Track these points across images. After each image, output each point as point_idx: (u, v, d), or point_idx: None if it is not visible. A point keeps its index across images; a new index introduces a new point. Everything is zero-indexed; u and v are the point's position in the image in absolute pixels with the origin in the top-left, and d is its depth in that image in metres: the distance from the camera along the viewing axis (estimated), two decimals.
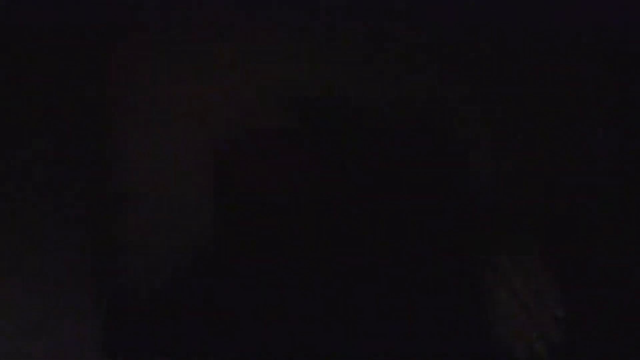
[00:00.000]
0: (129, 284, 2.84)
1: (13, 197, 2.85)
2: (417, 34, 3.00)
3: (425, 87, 2.99)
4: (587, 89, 3.04)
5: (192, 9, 2.95)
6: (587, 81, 3.04)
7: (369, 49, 2.99)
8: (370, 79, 2.97)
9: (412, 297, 2.17)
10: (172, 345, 2.63)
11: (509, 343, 2.15)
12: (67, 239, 2.86)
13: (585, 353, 2.33)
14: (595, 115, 3.04)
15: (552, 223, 2.81)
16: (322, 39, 2.98)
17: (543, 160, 2.98)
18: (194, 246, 2.83)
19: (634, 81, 3.03)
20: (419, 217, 2.36)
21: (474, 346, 2.13)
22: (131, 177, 2.90)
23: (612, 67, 3.05)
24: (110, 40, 2.92)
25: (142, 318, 2.74)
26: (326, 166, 2.69)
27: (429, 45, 3.01)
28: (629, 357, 2.42)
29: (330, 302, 2.25)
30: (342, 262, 2.27)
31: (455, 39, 3.02)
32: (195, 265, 2.75)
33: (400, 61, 3.00)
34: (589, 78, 3.04)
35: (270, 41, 2.97)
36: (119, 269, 2.85)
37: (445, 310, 2.15)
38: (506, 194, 2.92)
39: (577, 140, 2.98)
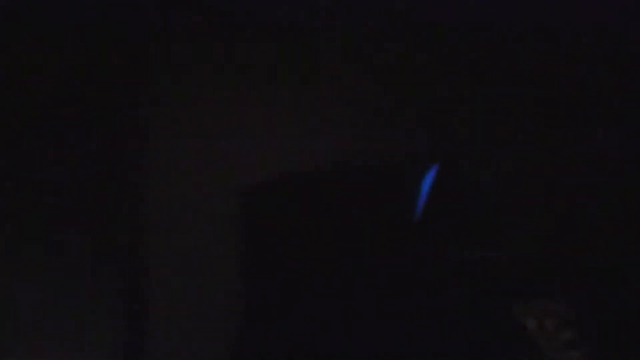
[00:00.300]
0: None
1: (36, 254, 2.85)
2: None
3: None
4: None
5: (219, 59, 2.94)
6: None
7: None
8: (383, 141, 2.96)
9: (424, 339, 2.17)
10: None
11: None
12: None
13: None
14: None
15: (570, 267, 2.81)
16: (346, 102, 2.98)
17: (568, 199, 2.98)
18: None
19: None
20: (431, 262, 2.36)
21: None
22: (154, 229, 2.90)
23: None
24: (133, 88, 2.91)
25: None
26: (358, 219, 2.70)
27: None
28: None
29: None
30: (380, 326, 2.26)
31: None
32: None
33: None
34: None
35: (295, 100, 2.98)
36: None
37: (458, 352, 2.15)
38: (523, 237, 2.91)
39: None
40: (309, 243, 2.79)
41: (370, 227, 2.63)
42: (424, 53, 3.02)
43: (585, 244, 2.94)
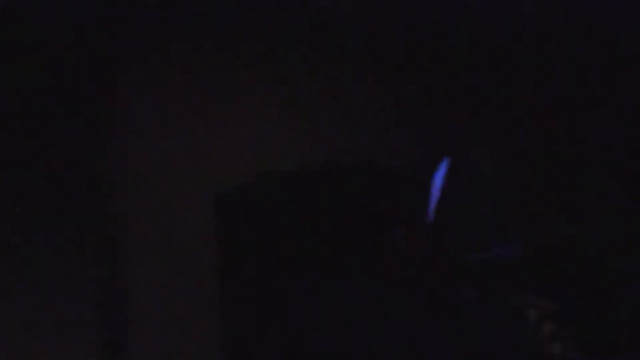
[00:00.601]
0: None
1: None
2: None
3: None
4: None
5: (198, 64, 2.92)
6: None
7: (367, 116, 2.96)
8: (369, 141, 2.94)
9: (428, 335, 2.13)
10: None
11: None
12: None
13: None
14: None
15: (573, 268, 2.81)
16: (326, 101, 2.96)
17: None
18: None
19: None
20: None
21: None
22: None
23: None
24: (115, 93, 2.88)
25: None
26: (331, 219, 2.69)
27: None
28: None
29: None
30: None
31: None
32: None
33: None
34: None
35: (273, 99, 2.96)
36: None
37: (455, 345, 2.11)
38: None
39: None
40: (301, 244, 2.77)
41: (363, 227, 2.59)
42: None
43: (570, 243, 2.95)
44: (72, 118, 2.87)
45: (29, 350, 2.76)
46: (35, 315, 2.79)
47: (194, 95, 2.92)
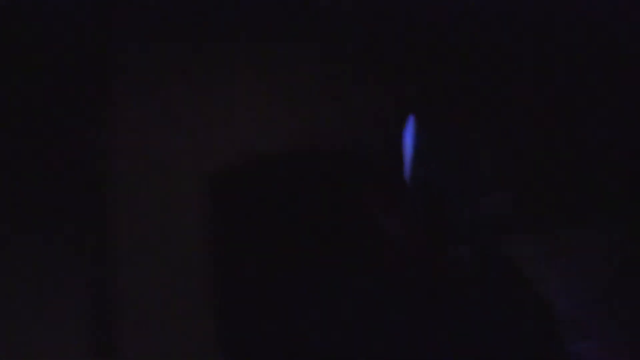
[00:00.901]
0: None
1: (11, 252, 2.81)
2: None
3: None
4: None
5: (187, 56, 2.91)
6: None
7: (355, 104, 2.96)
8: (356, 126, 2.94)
9: (428, 335, 2.13)
10: None
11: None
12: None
13: None
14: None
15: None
16: (314, 89, 2.95)
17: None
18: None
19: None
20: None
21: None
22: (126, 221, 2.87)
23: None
24: (106, 84, 2.88)
25: None
26: (323, 209, 2.68)
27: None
28: None
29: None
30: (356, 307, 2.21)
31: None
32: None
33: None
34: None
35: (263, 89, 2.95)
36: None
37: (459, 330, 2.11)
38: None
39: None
40: (300, 243, 2.76)
41: (352, 205, 2.58)
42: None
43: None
44: (72, 118, 2.86)
45: (26, 350, 2.76)
46: (33, 315, 2.78)
47: (194, 95, 2.91)
